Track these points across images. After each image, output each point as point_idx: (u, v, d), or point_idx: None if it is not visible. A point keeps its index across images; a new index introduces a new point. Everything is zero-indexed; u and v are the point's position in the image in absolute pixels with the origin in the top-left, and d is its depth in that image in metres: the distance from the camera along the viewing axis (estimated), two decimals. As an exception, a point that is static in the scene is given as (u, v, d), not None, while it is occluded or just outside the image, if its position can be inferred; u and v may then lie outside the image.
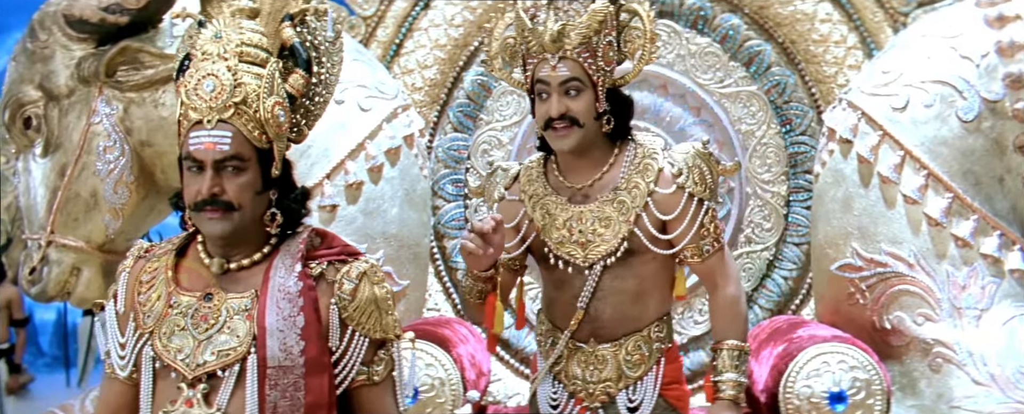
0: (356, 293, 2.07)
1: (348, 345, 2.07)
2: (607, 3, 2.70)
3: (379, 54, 4.37)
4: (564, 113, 2.68)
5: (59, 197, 3.69)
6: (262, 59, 2.08)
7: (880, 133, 3.76)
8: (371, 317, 2.08)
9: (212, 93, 2.02)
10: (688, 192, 2.73)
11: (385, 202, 3.91)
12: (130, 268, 2.17)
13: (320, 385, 2.03)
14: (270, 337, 2.01)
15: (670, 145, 3.04)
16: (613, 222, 2.74)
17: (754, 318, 4.32)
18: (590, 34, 2.66)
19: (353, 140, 3.86)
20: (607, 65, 2.71)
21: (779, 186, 4.36)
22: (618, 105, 2.75)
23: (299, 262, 2.07)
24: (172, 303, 2.07)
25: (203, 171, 2.03)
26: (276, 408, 2.00)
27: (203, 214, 2.04)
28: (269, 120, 2.04)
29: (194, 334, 2.04)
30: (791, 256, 4.35)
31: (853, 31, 4.35)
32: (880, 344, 3.67)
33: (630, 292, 2.79)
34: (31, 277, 3.77)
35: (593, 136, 2.73)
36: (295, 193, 2.13)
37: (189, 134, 2.04)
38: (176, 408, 2.03)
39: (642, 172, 2.74)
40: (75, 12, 3.62)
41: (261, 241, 2.10)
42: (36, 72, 3.71)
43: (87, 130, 3.67)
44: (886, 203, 3.75)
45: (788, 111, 4.38)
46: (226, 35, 2.06)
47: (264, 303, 2.03)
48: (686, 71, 4.37)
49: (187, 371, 2.03)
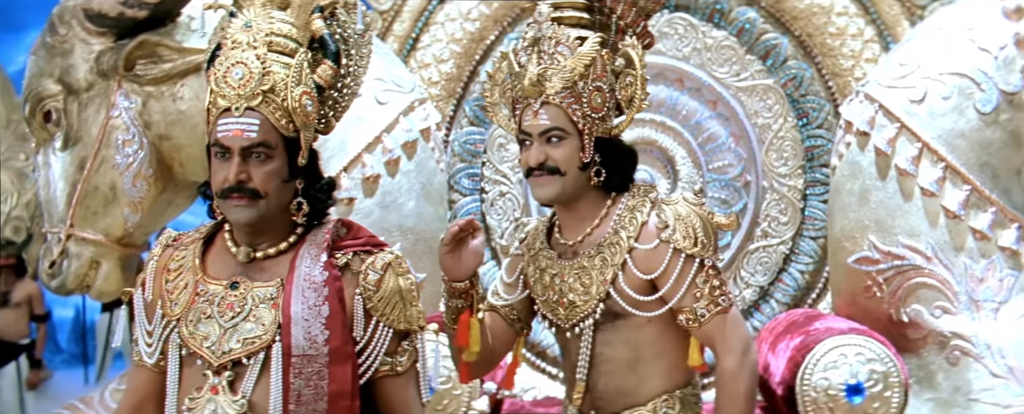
0: (381, 284, 2.08)
1: (372, 335, 2.08)
2: (597, 46, 2.44)
3: (395, 48, 4.39)
4: (543, 162, 2.42)
5: (78, 191, 3.71)
6: (291, 49, 2.09)
7: (897, 125, 3.75)
8: (395, 308, 2.09)
9: (241, 81, 2.04)
10: (673, 247, 2.38)
11: (402, 195, 3.92)
12: (158, 256, 2.18)
13: (344, 374, 2.04)
14: (295, 326, 2.02)
15: (668, 194, 2.70)
16: (593, 281, 2.44)
17: (770, 312, 4.31)
18: (575, 78, 2.41)
19: (370, 133, 3.87)
20: (595, 112, 2.43)
21: (795, 180, 4.35)
22: (613, 156, 2.47)
23: (325, 252, 2.08)
24: (199, 291, 2.09)
25: (230, 158, 2.04)
26: (300, 396, 2.02)
27: (229, 201, 2.05)
28: (296, 109, 2.05)
29: (220, 322, 2.06)
30: (808, 250, 4.35)
31: (870, 24, 4.34)
32: (897, 337, 3.66)
33: (622, 361, 2.46)
34: (51, 270, 3.80)
35: (579, 188, 2.45)
36: (321, 183, 2.14)
37: (217, 121, 2.06)
38: (202, 395, 2.05)
39: (626, 226, 2.44)
40: (94, 6, 3.65)
41: (287, 230, 2.12)
42: (56, 66, 3.74)
43: (106, 124, 3.69)
44: (903, 196, 3.74)
45: (805, 104, 4.37)
46: (256, 24, 2.08)
47: (290, 292, 2.04)
48: (702, 65, 4.37)
49: (213, 358, 2.05)
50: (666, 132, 4.37)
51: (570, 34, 2.43)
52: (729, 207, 4.35)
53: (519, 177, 4.37)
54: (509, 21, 4.42)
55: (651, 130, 4.35)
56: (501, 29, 4.42)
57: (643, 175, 4.33)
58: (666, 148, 4.36)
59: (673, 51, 4.35)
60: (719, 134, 4.37)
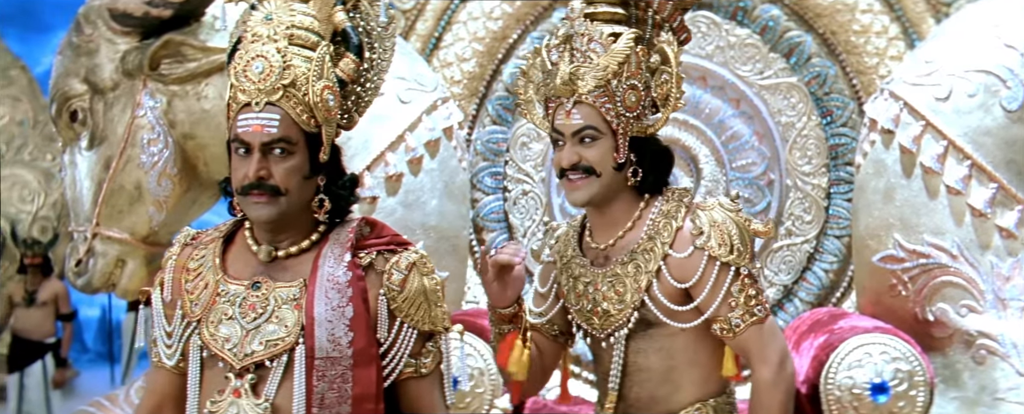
0: (405, 284, 2.03)
1: (396, 337, 2.04)
2: (631, 43, 2.36)
3: (418, 47, 4.39)
4: (576, 162, 2.35)
5: (104, 189, 3.74)
6: (313, 42, 2.04)
7: (923, 123, 3.72)
8: (420, 308, 2.04)
9: (260, 75, 1.99)
10: (708, 255, 2.31)
11: (424, 194, 3.93)
12: (177, 255, 2.14)
13: (368, 377, 1.99)
14: (318, 327, 1.97)
15: (705, 198, 2.58)
16: (627, 290, 2.36)
17: (794, 311, 4.30)
18: (608, 77, 2.33)
19: (393, 132, 3.88)
20: (630, 110, 2.35)
21: (819, 178, 4.33)
22: (649, 156, 2.39)
23: (348, 251, 2.03)
24: (220, 291, 2.04)
25: (251, 154, 2.00)
26: (323, 400, 1.97)
27: (249, 198, 2.01)
28: (318, 104, 2.00)
29: (242, 323, 2.01)
30: (832, 248, 4.32)
31: (895, 21, 4.32)
32: (923, 336, 3.64)
33: (656, 369, 2.39)
34: (77, 269, 3.83)
35: (614, 189, 2.38)
36: (344, 179, 2.09)
37: (238, 116, 2.01)
38: (224, 398, 2.01)
39: (660, 232, 2.36)
40: (119, 6, 3.67)
41: (309, 228, 2.07)
42: (82, 66, 3.77)
43: (132, 123, 3.72)
44: (929, 194, 3.72)
45: (829, 102, 4.35)
46: (277, 17, 2.03)
47: (313, 293, 1.99)
48: (725, 62, 4.35)
49: (235, 361, 2.01)
50: (689, 131, 4.36)
51: (603, 31, 2.36)
52: (752, 206, 4.33)
53: (541, 176, 4.37)
54: (532, 20, 4.42)
55: (674, 128, 4.34)
56: (524, 28, 4.42)
57: (666, 174, 4.33)
58: (689, 147, 4.35)
59: (696, 49, 4.34)
60: (742, 132, 4.35)
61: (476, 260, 4.42)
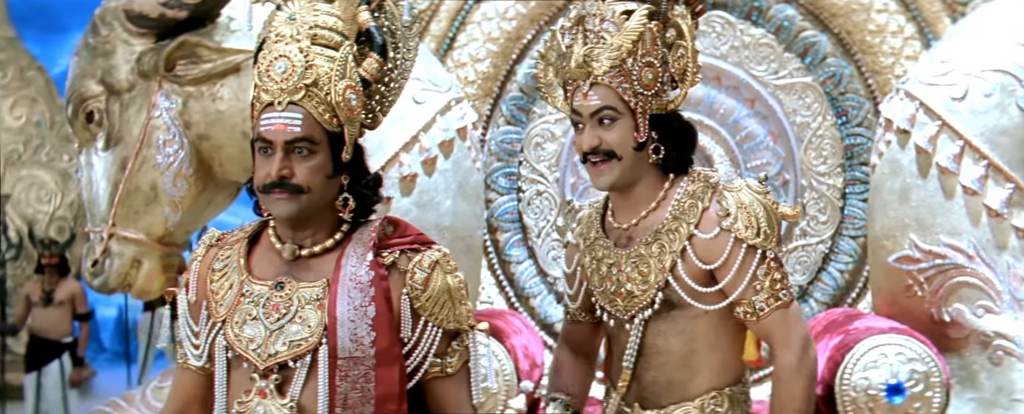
0: (429, 283, 2.03)
1: (420, 336, 2.03)
2: (644, 20, 2.31)
3: (432, 47, 4.40)
4: (597, 146, 2.33)
5: (120, 190, 3.76)
6: (336, 42, 2.04)
7: (939, 123, 3.71)
8: (444, 307, 2.04)
9: (283, 74, 2.00)
10: (734, 237, 2.28)
11: (439, 194, 3.93)
12: (202, 256, 2.14)
13: (391, 376, 1.99)
14: (341, 327, 1.97)
15: (732, 179, 2.63)
16: (651, 270, 2.33)
17: (809, 312, 4.28)
18: (623, 56, 2.29)
19: (407, 133, 3.89)
20: (647, 88, 2.31)
21: (835, 178, 4.31)
22: (671, 133, 2.36)
23: (371, 251, 2.03)
24: (244, 292, 2.04)
25: (273, 153, 2.00)
26: (346, 400, 1.97)
27: (271, 195, 2.01)
28: (340, 103, 2.00)
29: (266, 324, 2.01)
30: (847, 249, 4.31)
31: (910, 21, 4.30)
32: (939, 337, 3.62)
33: (676, 353, 2.37)
34: (93, 269, 3.84)
35: (637, 170, 2.35)
36: (368, 179, 2.09)
37: (261, 116, 2.02)
38: (250, 398, 2.01)
39: (686, 212, 2.33)
40: (135, 7, 3.69)
41: (332, 227, 2.07)
42: (98, 67, 3.79)
43: (147, 124, 3.73)
44: (945, 194, 3.70)
45: (844, 102, 4.34)
46: (300, 17, 2.03)
47: (335, 292, 1.99)
48: (740, 62, 4.34)
49: (259, 361, 2.01)
50: (703, 131, 4.34)
51: (616, 9, 2.31)
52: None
53: (556, 176, 4.37)
54: (546, 20, 4.42)
55: (688, 129, 4.33)
56: (538, 28, 4.42)
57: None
58: (704, 146, 4.34)
59: (711, 49, 4.33)
60: (757, 132, 4.34)
61: (491, 260, 4.42)
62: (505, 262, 4.42)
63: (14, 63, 9.99)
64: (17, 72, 9.99)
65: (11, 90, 9.96)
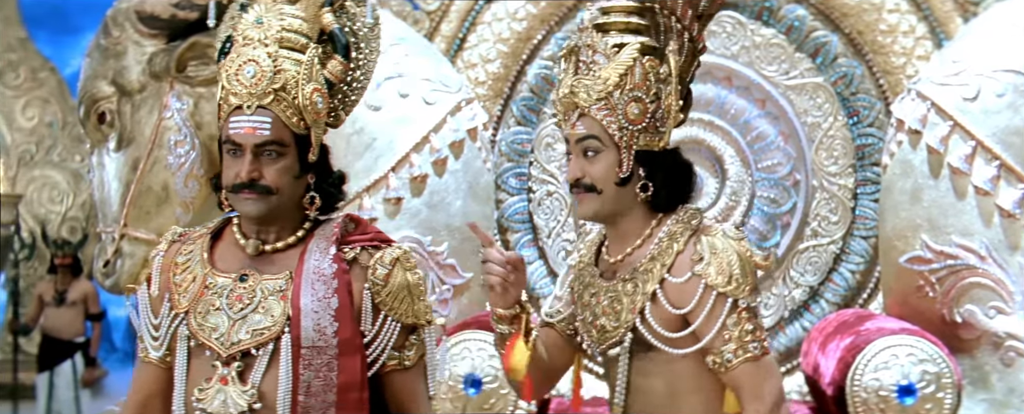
0: (389, 278, 2.10)
1: (380, 329, 2.10)
2: (635, 53, 2.27)
3: (443, 48, 4.40)
4: (579, 178, 2.29)
5: (132, 191, 3.77)
6: (302, 45, 2.10)
7: (951, 123, 3.70)
8: (403, 302, 2.11)
9: (252, 79, 2.05)
10: (705, 283, 2.20)
11: (449, 195, 3.94)
12: (164, 252, 2.19)
13: (353, 366, 2.06)
14: (305, 317, 2.05)
15: (713, 222, 2.41)
16: (623, 309, 2.28)
17: (820, 312, 4.28)
18: (609, 89, 2.25)
19: (418, 133, 3.90)
20: (633, 123, 2.26)
21: (846, 179, 4.30)
22: (660, 170, 2.29)
23: (334, 245, 2.10)
24: (208, 284, 2.11)
25: (242, 154, 2.06)
26: (309, 387, 2.04)
27: (240, 195, 2.07)
28: (307, 106, 2.06)
29: (229, 314, 2.07)
30: (858, 249, 4.30)
31: (922, 21, 4.29)
32: (950, 337, 3.61)
33: (659, 393, 2.30)
34: (105, 269, 3.86)
35: (622, 204, 2.29)
36: (332, 177, 2.16)
37: (229, 118, 2.07)
38: (211, 385, 2.07)
39: (663, 254, 2.27)
40: (147, 8, 3.71)
41: (296, 224, 2.14)
42: (109, 68, 3.80)
43: (159, 125, 3.75)
44: (957, 194, 3.69)
45: (855, 103, 4.33)
46: (267, 21, 2.08)
47: (299, 284, 2.06)
48: (751, 63, 4.34)
49: (222, 349, 2.06)
50: (714, 131, 4.34)
51: (609, 41, 2.30)
52: (778, 207, 4.32)
53: (566, 176, 4.37)
54: (556, 20, 4.42)
55: (699, 129, 4.33)
56: (548, 29, 4.43)
57: (691, 175, 4.31)
58: (714, 147, 4.34)
59: (721, 49, 4.33)
60: (768, 133, 4.33)
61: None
62: (516, 262, 4.42)
63: (26, 64, 10.03)
64: (29, 73, 10.04)
65: (23, 91, 10.00)
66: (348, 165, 3.79)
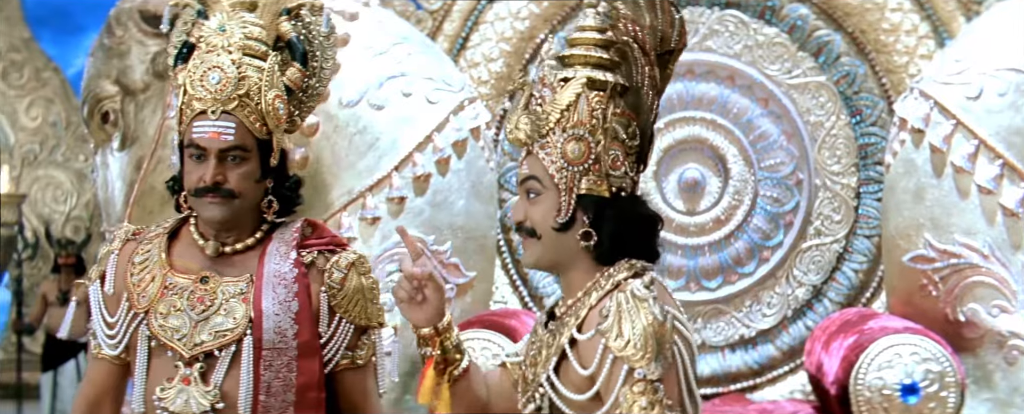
0: (345, 282, 2.16)
1: (335, 330, 2.16)
2: (580, 88, 2.02)
3: (445, 47, 4.40)
4: (521, 221, 2.06)
5: (135, 190, 3.78)
6: (262, 52, 2.15)
7: (953, 122, 3.70)
8: (358, 305, 2.17)
9: (217, 85, 2.10)
10: (603, 344, 1.90)
11: (452, 194, 3.94)
12: (119, 250, 2.22)
13: (311, 367, 2.13)
14: (266, 320, 2.10)
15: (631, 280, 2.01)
16: (540, 363, 2.03)
17: (823, 311, 4.28)
18: (549, 126, 2.02)
19: (420, 133, 3.89)
20: (573, 164, 2.01)
21: (849, 178, 4.31)
22: (607, 220, 2.01)
23: (293, 249, 2.16)
24: (167, 285, 2.14)
25: (205, 159, 2.10)
26: (270, 388, 2.10)
27: (204, 199, 2.11)
28: (270, 112, 2.12)
29: (191, 315, 2.11)
30: (862, 248, 4.30)
31: (925, 20, 4.29)
32: (954, 336, 3.61)
33: None
34: (109, 269, 3.86)
35: (565, 253, 2.03)
36: (290, 181, 2.22)
37: (192, 122, 2.12)
38: (173, 385, 2.11)
39: (580, 308, 2.00)
40: (150, 8, 3.71)
41: (255, 226, 2.18)
42: (113, 67, 3.81)
43: (162, 124, 3.75)
44: (960, 193, 3.69)
45: (858, 102, 4.33)
46: (230, 28, 2.14)
47: (260, 287, 2.12)
48: (753, 62, 4.34)
49: (184, 350, 2.10)
50: (717, 130, 4.34)
51: (558, 74, 2.07)
52: (781, 206, 4.31)
53: (569, 176, 4.37)
54: (559, 19, 4.42)
55: (702, 128, 4.33)
56: (551, 28, 4.43)
57: (694, 175, 4.31)
58: (717, 147, 4.34)
59: (724, 48, 4.32)
60: (771, 132, 4.33)
61: (504, 260, 4.43)
62: (519, 262, 4.42)
63: (30, 64, 10.05)
64: (33, 73, 10.05)
65: (27, 91, 10.02)
66: (351, 164, 3.80)
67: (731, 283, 4.33)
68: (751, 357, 4.32)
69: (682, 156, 4.34)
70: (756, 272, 4.32)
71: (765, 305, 4.30)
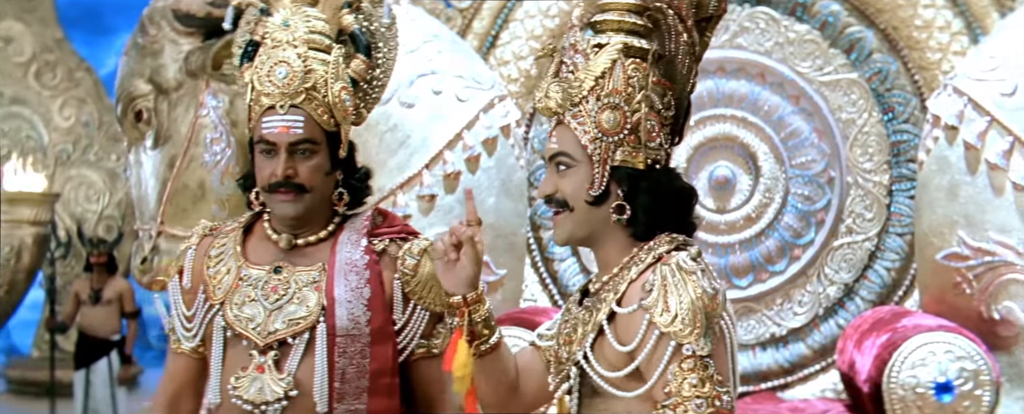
0: (418, 269, 2.16)
1: (410, 318, 2.17)
2: (616, 54, 1.94)
3: (475, 45, 4.41)
4: (551, 194, 1.97)
5: (168, 188, 3.80)
6: (326, 45, 2.17)
7: (988, 119, 3.67)
8: (432, 291, 2.16)
9: (284, 79, 2.12)
10: (648, 319, 1.83)
11: (482, 192, 3.95)
12: (196, 246, 2.26)
13: (384, 353, 2.13)
14: (339, 307, 2.11)
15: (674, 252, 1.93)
16: (576, 340, 1.95)
17: (855, 310, 4.25)
18: (582, 94, 1.94)
19: (451, 130, 3.91)
20: (608, 135, 1.93)
21: (881, 175, 4.28)
22: (643, 193, 1.93)
23: (364, 238, 2.17)
24: (242, 276, 2.17)
25: (276, 154, 2.12)
26: (344, 374, 2.11)
27: (276, 196, 2.13)
28: (337, 104, 2.14)
29: (265, 304, 2.14)
30: (894, 246, 4.27)
31: (958, 16, 4.25)
32: (988, 335, 3.58)
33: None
34: (143, 267, 3.89)
35: (598, 227, 1.95)
36: (359, 173, 2.23)
37: (261, 118, 2.14)
38: (247, 374, 2.13)
39: (619, 282, 1.92)
40: (182, 7, 3.73)
41: (326, 219, 2.20)
42: (146, 66, 3.83)
43: (195, 122, 3.77)
44: (994, 190, 3.66)
45: (890, 99, 4.30)
46: (294, 23, 2.16)
47: (332, 275, 2.13)
48: (784, 59, 4.32)
49: (258, 339, 2.13)
50: (748, 128, 4.33)
51: (592, 40, 1.99)
52: (812, 204, 4.29)
53: (599, 173, 4.36)
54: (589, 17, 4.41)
55: (732, 126, 4.32)
56: (570, 22, 4.41)
57: (725, 173, 4.30)
58: (748, 144, 4.32)
59: (755, 46, 4.31)
60: (802, 129, 4.31)
61: (534, 258, 4.43)
62: (548, 260, 4.42)
63: (63, 64, 10.14)
64: (66, 73, 10.14)
65: (60, 91, 10.10)
66: (382, 162, 3.81)
67: (762, 281, 4.31)
68: (782, 355, 4.30)
69: (713, 154, 4.33)
70: (787, 270, 4.30)
71: (796, 303, 4.28)
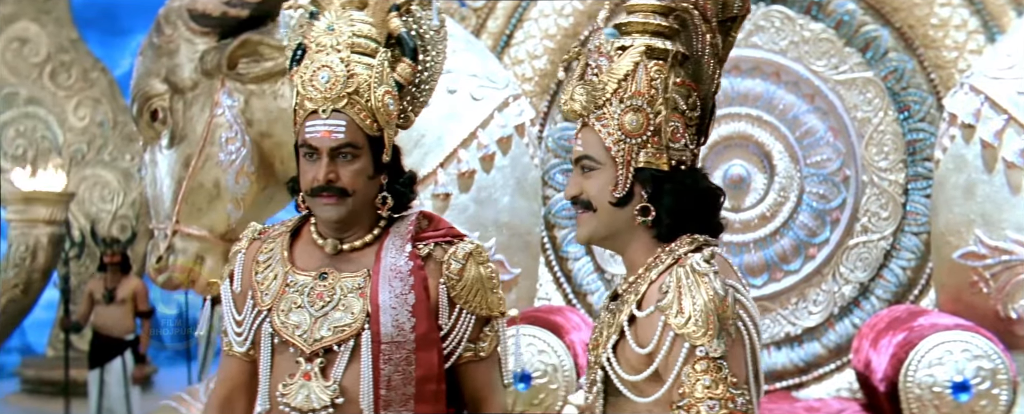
0: (463, 273, 2.15)
1: (456, 322, 2.15)
2: (639, 56, 1.96)
3: (489, 44, 4.41)
4: (576, 195, 1.99)
5: (184, 187, 3.81)
6: (372, 49, 2.16)
7: (1005, 117, 3.65)
8: (477, 295, 2.15)
9: (327, 84, 2.12)
10: (663, 321, 1.84)
11: (497, 191, 3.95)
12: (246, 249, 2.26)
13: (430, 359, 2.11)
14: (384, 314, 2.10)
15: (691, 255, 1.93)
16: (601, 343, 1.97)
17: (870, 309, 4.24)
18: (606, 96, 1.96)
19: (465, 129, 3.91)
20: (631, 136, 1.94)
21: (897, 174, 4.26)
22: (667, 195, 1.94)
23: (409, 243, 2.16)
24: (289, 282, 2.17)
25: (319, 158, 2.12)
26: (390, 381, 2.10)
27: (319, 199, 2.13)
28: (380, 109, 2.13)
29: (311, 311, 2.14)
30: (910, 245, 4.25)
31: (974, 15, 4.24)
32: (1005, 334, 3.57)
33: None
34: (158, 265, 3.90)
35: (622, 228, 1.97)
36: (404, 177, 2.22)
37: (305, 123, 2.14)
38: (295, 381, 2.12)
39: (640, 284, 1.94)
40: (198, 7, 3.75)
41: (372, 223, 2.19)
42: (162, 66, 3.85)
43: (210, 122, 3.78)
44: (1011, 189, 3.64)
45: (906, 97, 4.28)
46: (338, 27, 2.15)
47: (377, 282, 2.12)
48: (800, 58, 4.30)
49: (305, 346, 2.12)
50: (763, 127, 4.32)
51: (616, 43, 2.01)
52: (827, 203, 4.28)
53: (613, 172, 4.36)
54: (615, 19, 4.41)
55: (747, 124, 4.31)
56: (595, 24, 4.41)
57: (739, 172, 4.29)
58: (763, 143, 4.31)
59: (770, 44, 4.30)
60: (817, 128, 4.30)
61: (548, 257, 4.42)
62: (562, 259, 4.42)
63: (78, 65, 10.18)
64: (81, 73, 10.18)
65: (75, 91, 10.15)
66: (397, 161, 3.82)
67: (777, 280, 4.30)
68: (797, 355, 4.29)
69: (727, 152, 4.32)
70: (802, 269, 4.29)
71: (811, 303, 4.27)
